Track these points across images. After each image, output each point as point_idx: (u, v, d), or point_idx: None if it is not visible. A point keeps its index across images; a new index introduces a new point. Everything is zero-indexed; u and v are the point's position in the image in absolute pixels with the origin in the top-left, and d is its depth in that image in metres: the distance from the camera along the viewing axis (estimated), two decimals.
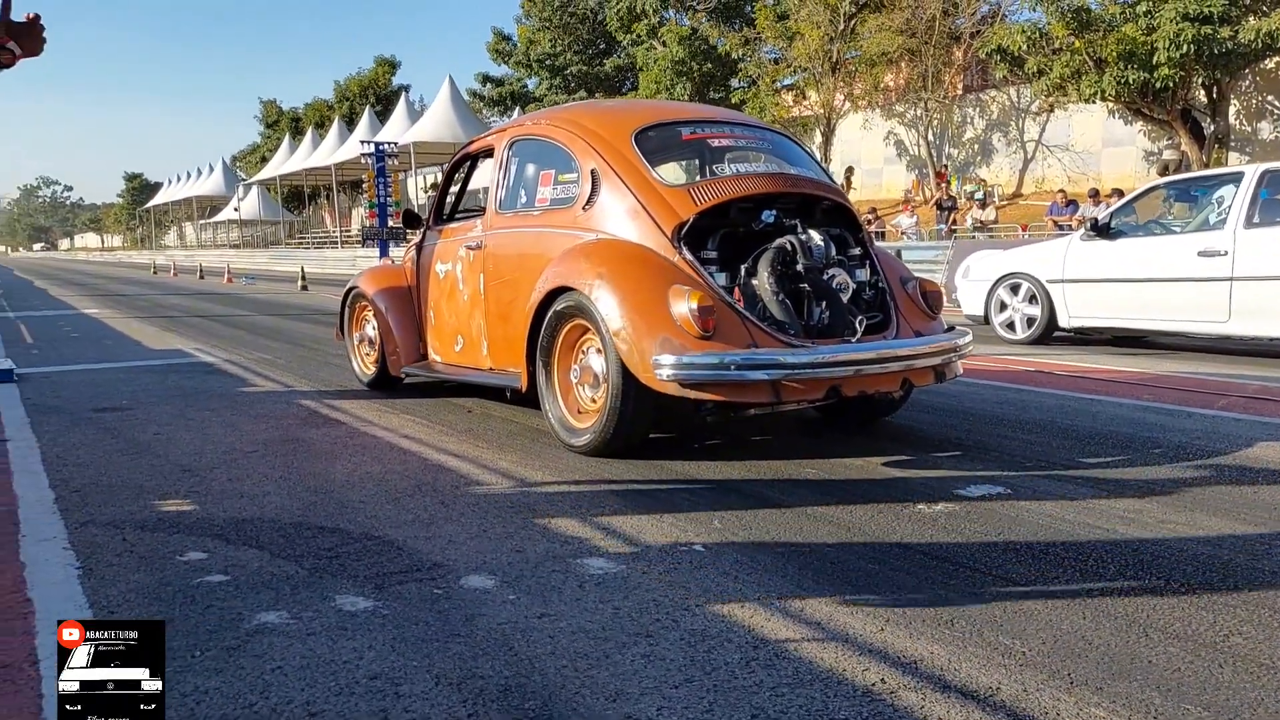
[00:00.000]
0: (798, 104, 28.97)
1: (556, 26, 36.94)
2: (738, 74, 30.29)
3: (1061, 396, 5.66)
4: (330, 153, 43.70)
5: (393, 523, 3.24)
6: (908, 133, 28.65)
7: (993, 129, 26.97)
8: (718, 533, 3.10)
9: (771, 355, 3.82)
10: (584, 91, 35.91)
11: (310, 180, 51.11)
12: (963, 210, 21.68)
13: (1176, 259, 7.59)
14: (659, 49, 31.16)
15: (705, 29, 30.05)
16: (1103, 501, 3.44)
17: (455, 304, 5.33)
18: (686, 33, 30.09)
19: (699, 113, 5.15)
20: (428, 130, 36.05)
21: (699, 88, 30.86)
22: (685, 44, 29.86)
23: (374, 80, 51.72)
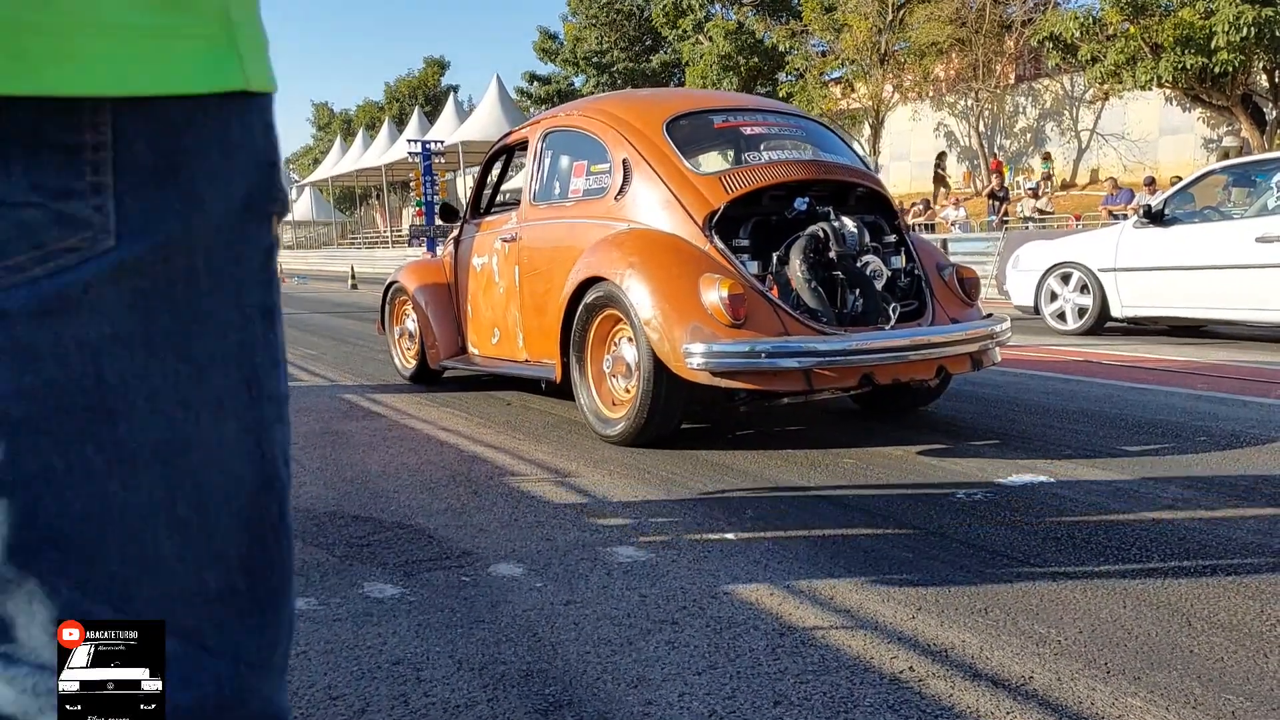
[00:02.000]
0: (846, 97, 28.67)
1: (603, 24, 36.99)
2: (785, 67, 30.08)
3: (1111, 386, 5.53)
4: (381, 153, 44.15)
5: (425, 511, 3.24)
6: (958, 124, 28.22)
7: (1046, 118, 26.47)
8: (750, 522, 3.06)
9: (803, 343, 3.78)
10: (631, 88, 35.91)
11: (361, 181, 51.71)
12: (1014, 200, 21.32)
13: (1234, 245, 7.38)
14: (705, 44, 31.04)
15: (751, 23, 29.87)
16: (1149, 490, 3.34)
17: (491, 297, 5.35)
18: (733, 27, 29.92)
19: (731, 101, 5.11)
20: (476, 129, 36.24)
21: (746, 82, 30.68)
22: (731, 38, 29.70)
23: (423, 81, 52.23)
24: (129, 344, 0.59)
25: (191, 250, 0.61)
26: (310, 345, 8.85)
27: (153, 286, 0.59)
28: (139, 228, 0.58)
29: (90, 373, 0.58)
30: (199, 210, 0.61)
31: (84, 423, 0.58)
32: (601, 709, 1.85)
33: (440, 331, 5.84)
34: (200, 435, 0.62)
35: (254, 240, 0.65)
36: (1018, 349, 7.47)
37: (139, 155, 0.58)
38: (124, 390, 0.59)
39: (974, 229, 19.14)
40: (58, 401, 0.57)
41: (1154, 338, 8.14)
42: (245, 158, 0.64)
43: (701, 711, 1.83)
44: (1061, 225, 18.44)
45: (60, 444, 0.57)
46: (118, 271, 0.58)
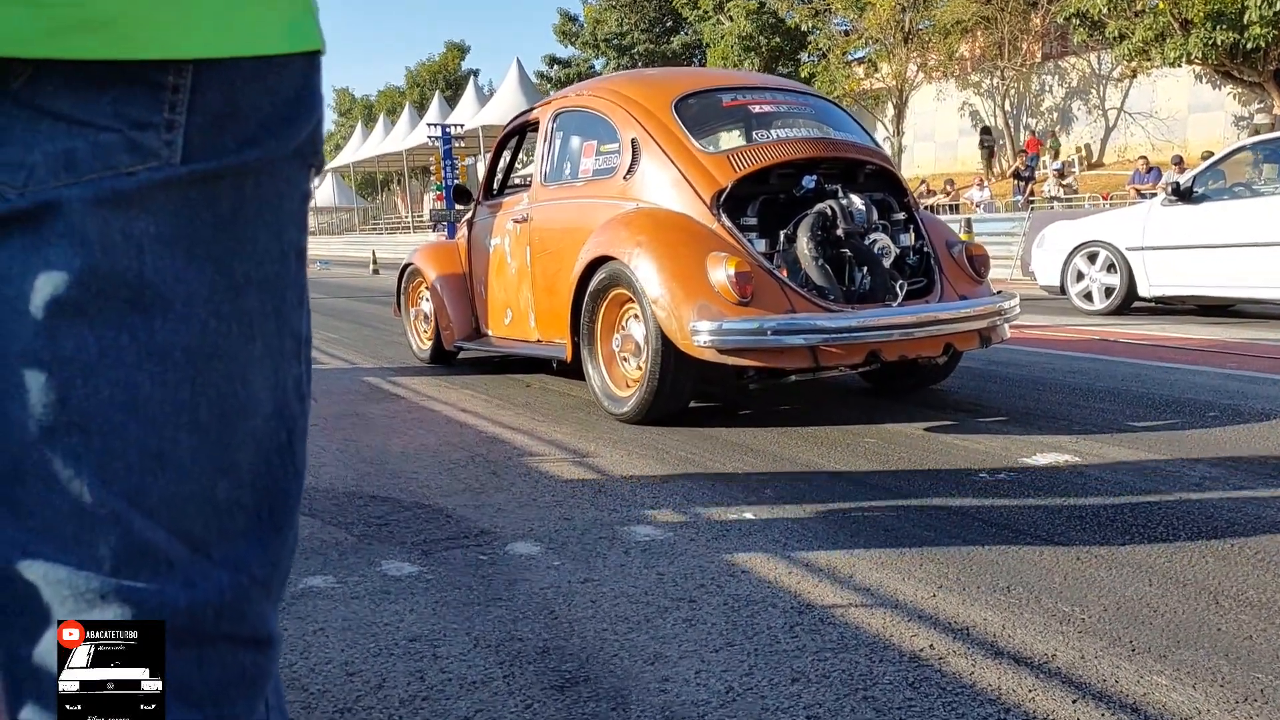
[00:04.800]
0: (869, 76, 28.39)
1: (623, 5, 36.77)
2: (807, 47, 29.83)
3: (1138, 365, 5.45)
4: (402, 139, 44.25)
5: (444, 491, 3.24)
6: (983, 103, 27.90)
7: (1072, 97, 26.10)
8: (769, 501, 3.03)
9: (809, 320, 3.78)
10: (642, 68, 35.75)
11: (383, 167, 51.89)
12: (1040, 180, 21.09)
13: (1264, 223, 7.26)
14: (726, 24, 30.82)
15: (773, 2, 29.59)
16: (1176, 469, 3.29)
17: (504, 277, 5.35)
18: (754, 7, 29.67)
19: (740, 80, 5.07)
20: (495, 113, 36.21)
21: (767, 62, 30.46)
22: (753, 18, 29.47)
23: (444, 66, 52.20)
24: (172, 246, 0.63)
25: (242, 180, 0.66)
26: (332, 329, 8.88)
27: (202, 201, 0.64)
28: (200, 159, 0.63)
29: (133, 266, 0.61)
30: (256, 149, 0.66)
31: (122, 312, 0.61)
32: (618, 685, 1.84)
33: (455, 313, 5.85)
34: (228, 347, 0.66)
35: (297, 184, 0.71)
36: (1043, 329, 7.39)
37: (212, 101, 0.63)
38: (162, 288, 0.62)
39: (999, 209, 18.96)
40: (100, 287, 0.60)
41: (1182, 317, 8.02)
42: (300, 110, 0.70)
43: (719, 688, 1.81)
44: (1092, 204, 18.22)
45: (97, 329, 0.61)
46: (172, 183, 0.62)
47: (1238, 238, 7.42)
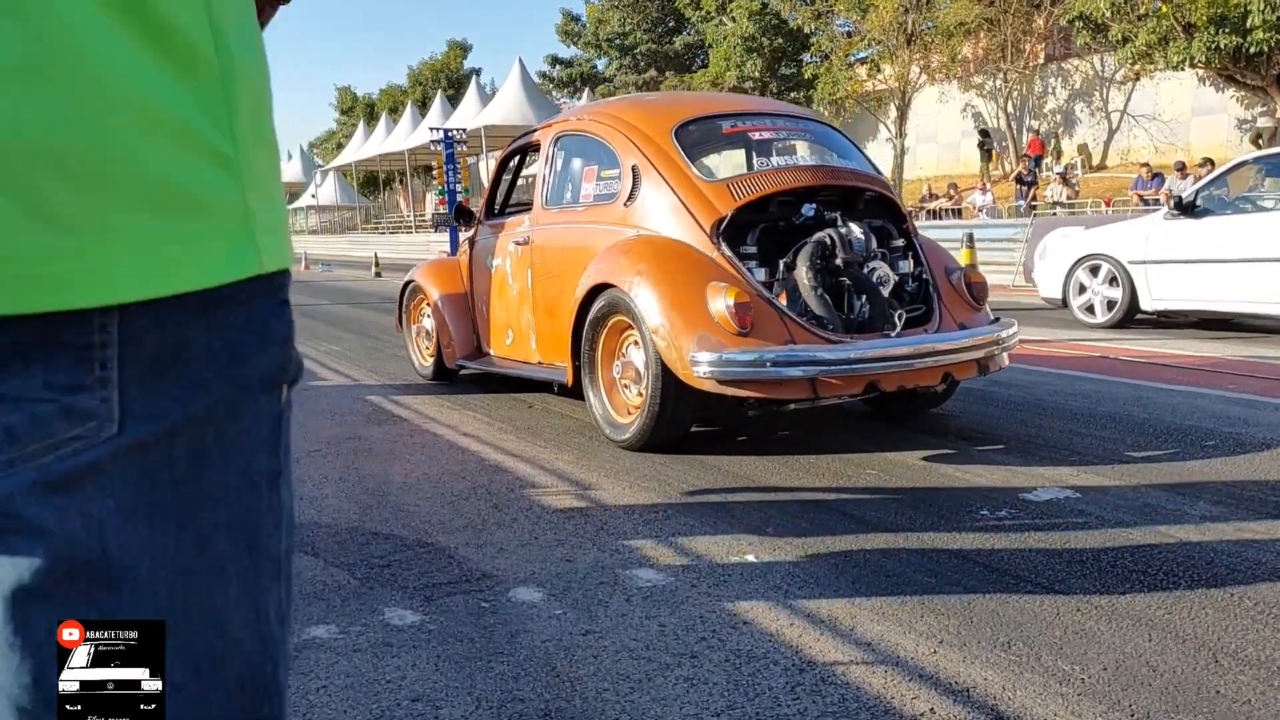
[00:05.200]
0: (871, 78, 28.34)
1: (625, 5, 36.74)
2: (810, 49, 29.78)
3: (1139, 387, 5.45)
4: (404, 138, 44.23)
5: (446, 528, 3.25)
6: (986, 105, 27.86)
7: (1075, 99, 26.08)
8: (770, 542, 3.04)
9: (808, 352, 3.79)
10: (654, 70, 35.69)
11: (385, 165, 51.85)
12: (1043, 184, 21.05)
13: (1267, 238, 7.26)
14: (729, 25, 30.79)
15: (776, 4, 29.55)
16: (1176, 505, 3.29)
17: (505, 298, 5.36)
18: (756, 8, 29.62)
19: (741, 105, 5.07)
20: (498, 114, 36.23)
21: (770, 63, 30.43)
22: (755, 19, 29.43)
23: (446, 64, 52.14)
24: (133, 517, 0.61)
25: (197, 429, 0.63)
26: (334, 340, 8.89)
27: (157, 464, 0.61)
28: (143, 413, 0.61)
29: (95, 546, 0.60)
30: (204, 392, 0.63)
31: (88, 591, 0.60)
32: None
33: (456, 331, 5.86)
34: (200, 603, 0.64)
35: (263, 412, 0.67)
36: (1044, 344, 7.40)
37: (145, 347, 0.60)
38: (127, 560, 0.61)
39: (1002, 214, 18.93)
40: (64, 572, 0.59)
41: (1184, 331, 8.02)
42: (255, 337, 0.66)
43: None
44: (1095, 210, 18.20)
45: (63, 610, 0.60)
46: (122, 452, 0.60)
47: (1239, 252, 7.42)
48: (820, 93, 27.93)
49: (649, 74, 35.90)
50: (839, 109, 28.44)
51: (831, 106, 28.36)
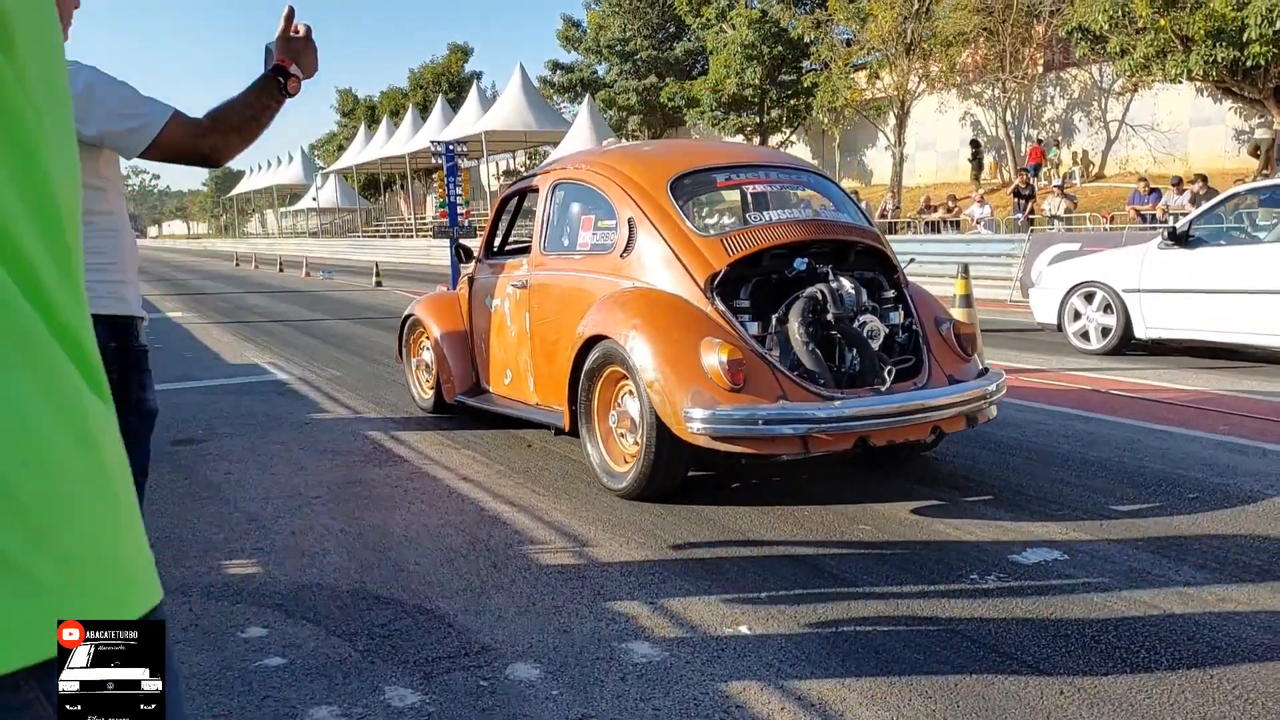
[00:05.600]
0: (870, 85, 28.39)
1: (626, 11, 36.79)
2: (810, 56, 29.84)
3: (1131, 428, 5.51)
4: (405, 142, 44.36)
5: (445, 591, 3.31)
6: (985, 113, 27.93)
7: (1074, 108, 26.14)
8: (763, 610, 3.10)
9: (800, 410, 3.87)
10: (654, 76, 35.73)
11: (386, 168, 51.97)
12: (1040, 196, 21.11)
13: (1259, 270, 7.33)
14: (729, 32, 30.84)
15: (775, 12, 29.60)
16: (1162, 570, 3.36)
17: (504, 338, 5.44)
18: (756, 16, 29.68)
19: (736, 156, 5.14)
20: (499, 119, 36.36)
21: (770, 71, 30.48)
22: (755, 27, 29.49)
23: (447, 68, 52.19)
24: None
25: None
26: (335, 363, 8.95)
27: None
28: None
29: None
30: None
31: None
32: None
33: (456, 367, 5.94)
34: None
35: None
36: (1039, 374, 7.46)
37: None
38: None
39: (1000, 227, 18.99)
40: None
41: (1177, 359, 8.08)
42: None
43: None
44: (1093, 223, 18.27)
45: None
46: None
47: (1232, 284, 7.48)
48: (819, 100, 27.99)
49: (649, 80, 35.94)
50: (838, 117, 28.51)
51: (831, 114, 28.43)
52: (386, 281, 21.05)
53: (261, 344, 10.70)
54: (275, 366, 8.87)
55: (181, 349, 10.38)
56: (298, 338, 11.17)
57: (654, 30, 36.71)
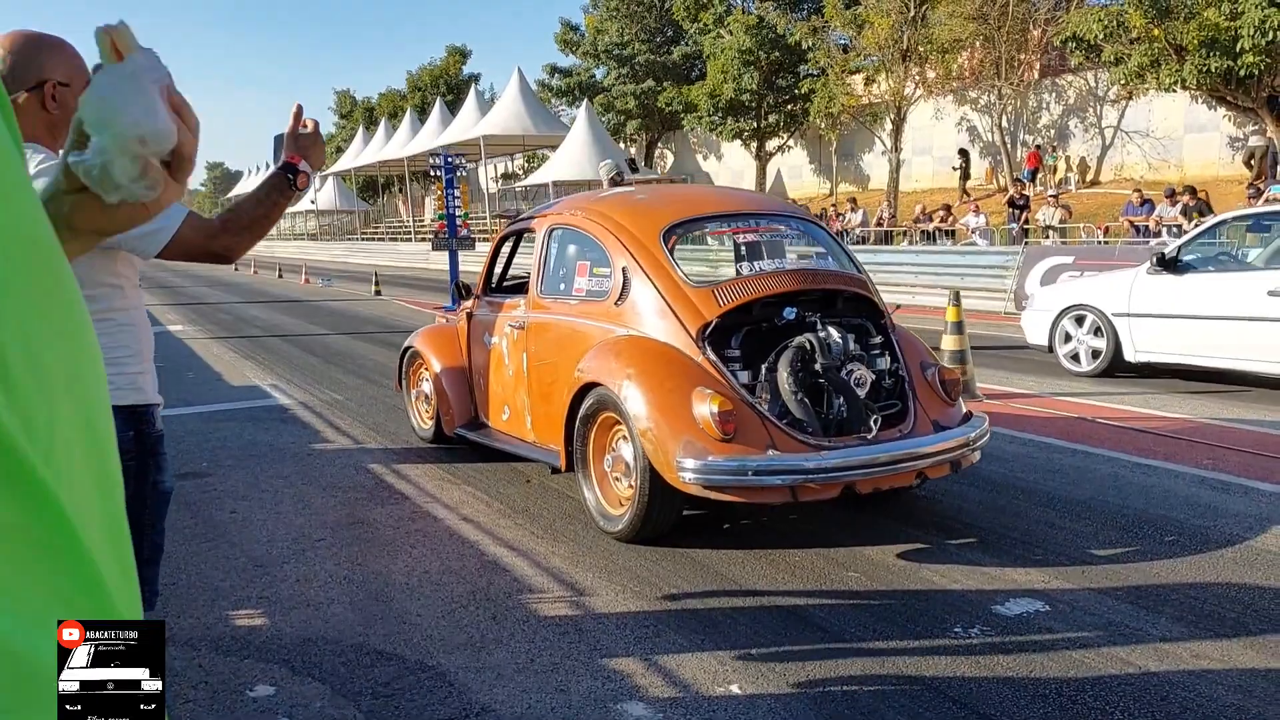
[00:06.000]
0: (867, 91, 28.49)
1: (624, 16, 36.87)
2: (807, 62, 29.94)
3: (1117, 462, 5.63)
4: (403, 144, 44.44)
5: (446, 646, 3.43)
6: (981, 119, 28.05)
7: (1070, 114, 26.27)
8: (754, 667, 3.22)
9: (789, 461, 4.01)
10: (652, 81, 35.80)
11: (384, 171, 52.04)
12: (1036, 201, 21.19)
13: (1245, 297, 7.45)
14: (726, 38, 30.94)
15: (773, 18, 29.70)
16: (1139, 624, 3.47)
17: (502, 376, 5.56)
18: (753, 21, 29.79)
19: (728, 204, 5.26)
20: (497, 123, 36.44)
21: (766, 76, 30.59)
22: (752, 33, 29.59)
23: (445, 70, 52.26)
24: None
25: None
26: (336, 385, 9.05)
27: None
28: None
29: None
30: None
31: None
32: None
33: (455, 401, 6.05)
34: None
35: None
36: (1029, 399, 7.58)
37: None
38: None
39: (995, 237, 19.11)
40: None
41: (1166, 382, 8.19)
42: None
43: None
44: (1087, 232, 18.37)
45: None
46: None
47: (1220, 310, 7.61)
48: (816, 106, 28.10)
49: (647, 84, 36.02)
50: (834, 122, 28.63)
51: (827, 119, 28.55)
52: (386, 290, 21.16)
53: (262, 362, 10.80)
54: (276, 389, 8.98)
55: (183, 368, 10.48)
56: (298, 356, 11.28)
57: (652, 35, 36.80)
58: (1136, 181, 22.67)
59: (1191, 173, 22.88)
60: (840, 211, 23.39)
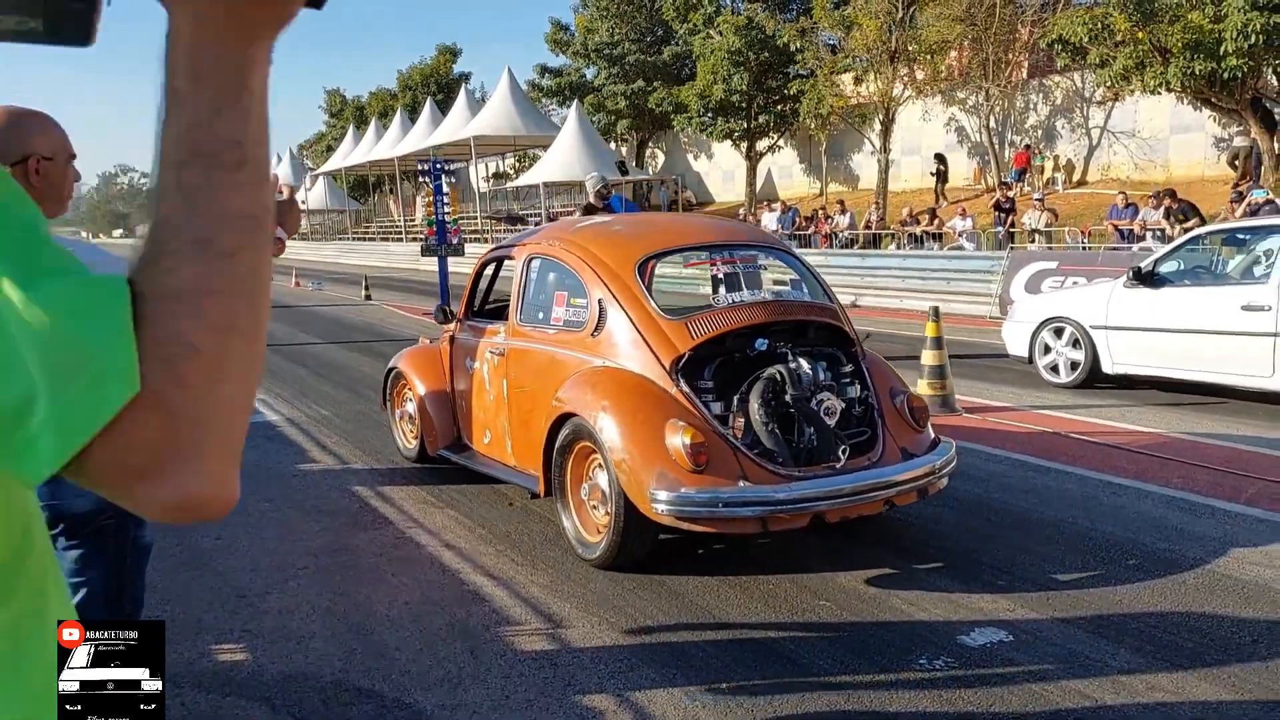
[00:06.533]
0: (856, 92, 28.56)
1: (614, 15, 36.90)
2: (796, 63, 30.01)
3: (1087, 482, 5.74)
4: (394, 144, 44.43)
5: (424, 683, 3.51)
6: (969, 119, 28.17)
7: (1056, 115, 26.39)
8: (725, 703, 3.31)
9: (759, 493, 4.13)
10: (642, 80, 35.83)
11: (375, 170, 51.99)
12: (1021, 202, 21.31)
13: (1219, 311, 7.56)
14: (716, 39, 30.98)
15: (761, 19, 29.75)
16: (1099, 655, 3.57)
17: (483, 400, 5.65)
18: (742, 22, 29.83)
19: (702, 235, 5.36)
20: (487, 124, 36.48)
21: (756, 77, 30.65)
22: (741, 34, 29.64)
23: (435, 69, 52.23)
24: None
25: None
26: (324, 400, 9.12)
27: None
28: None
29: None
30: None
31: None
32: None
33: (438, 423, 6.14)
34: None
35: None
36: (1006, 413, 7.68)
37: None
38: None
39: (982, 241, 19.22)
40: None
41: (1145, 393, 8.30)
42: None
43: None
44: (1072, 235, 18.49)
45: None
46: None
47: (1194, 324, 7.72)
48: (805, 107, 28.18)
49: (637, 84, 36.05)
50: (823, 123, 28.72)
51: (816, 120, 28.63)
52: (376, 293, 21.21)
53: None
54: (264, 404, 9.03)
55: None
56: (287, 368, 11.33)
57: (642, 34, 36.83)
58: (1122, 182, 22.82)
59: (1177, 173, 23.03)
60: (830, 214, 23.50)
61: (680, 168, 38.71)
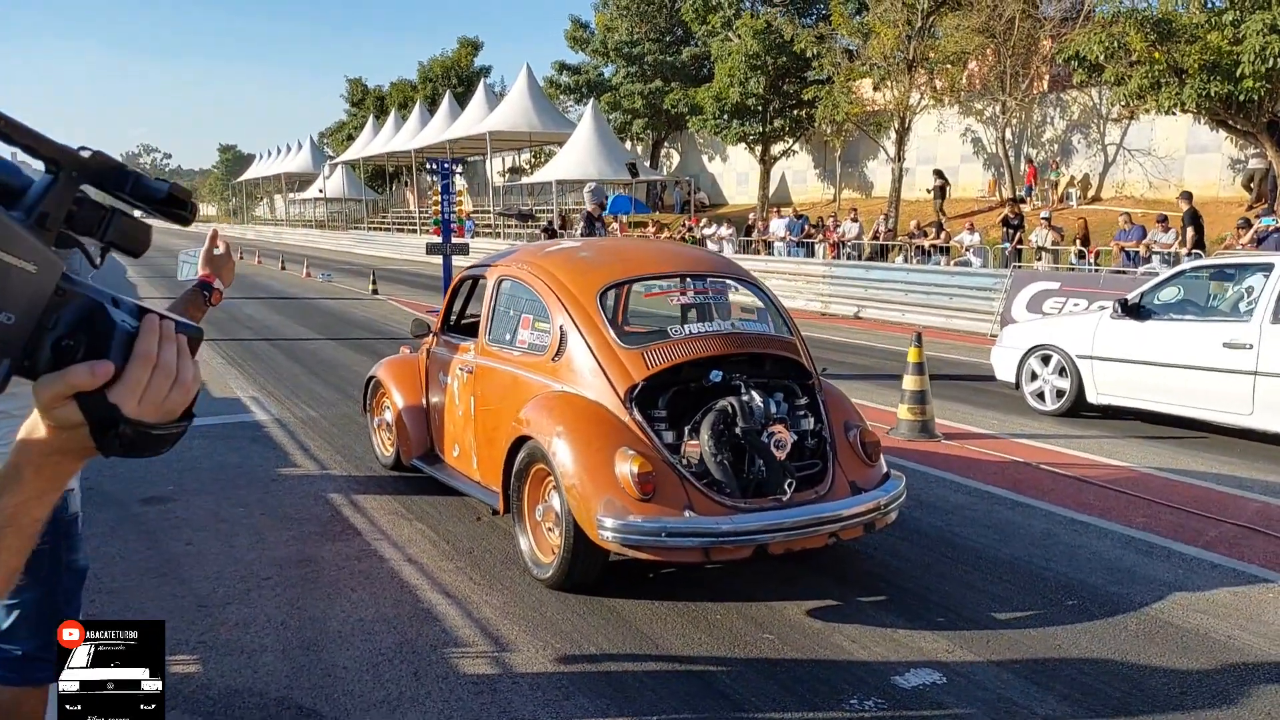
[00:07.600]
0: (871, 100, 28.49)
1: (634, 14, 36.96)
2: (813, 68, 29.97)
3: (1052, 518, 5.78)
4: (412, 136, 44.66)
5: (365, 703, 3.60)
6: (985, 130, 28.08)
7: (1073, 130, 26.29)
8: None
9: (703, 524, 4.21)
10: (660, 80, 35.87)
11: (393, 161, 52.24)
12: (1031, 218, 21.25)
13: (1202, 347, 7.58)
14: (734, 42, 30.97)
15: (780, 23, 29.71)
16: (1028, 701, 3.63)
17: (453, 415, 5.76)
18: (761, 26, 29.81)
19: (666, 264, 5.44)
20: (504, 119, 36.62)
21: (773, 81, 30.62)
22: (760, 38, 29.62)
23: (456, 61, 52.39)
24: None
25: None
26: (314, 400, 9.23)
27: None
28: None
29: None
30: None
31: None
32: None
33: (413, 433, 6.26)
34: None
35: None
36: (986, 440, 7.72)
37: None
38: None
39: (989, 256, 19.18)
40: None
41: (1129, 424, 8.32)
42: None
43: None
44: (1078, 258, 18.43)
45: None
46: None
47: (1177, 358, 7.74)
48: (821, 114, 28.16)
49: (655, 83, 36.09)
50: (839, 130, 28.69)
51: (832, 127, 28.62)
52: (383, 287, 21.37)
53: (247, 371, 11.00)
54: (255, 403, 9.17)
55: None
56: (284, 364, 11.47)
57: (661, 34, 36.89)
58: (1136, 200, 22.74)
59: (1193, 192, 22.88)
60: (839, 223, 23.49)
61: (695, 169, 38.72)
